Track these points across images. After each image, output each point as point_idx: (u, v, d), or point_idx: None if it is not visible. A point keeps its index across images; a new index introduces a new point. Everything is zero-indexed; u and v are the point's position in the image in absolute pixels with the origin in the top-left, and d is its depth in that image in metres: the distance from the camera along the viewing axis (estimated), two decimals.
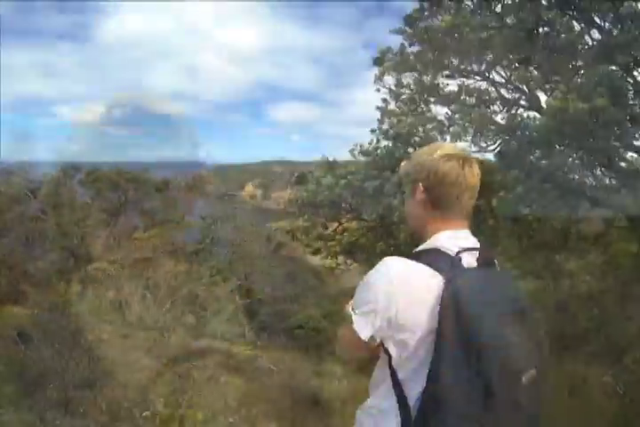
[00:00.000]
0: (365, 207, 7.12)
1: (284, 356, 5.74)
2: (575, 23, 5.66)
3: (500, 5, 5.69)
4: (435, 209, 1.27)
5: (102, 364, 3.92)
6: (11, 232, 11.26)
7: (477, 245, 1.28)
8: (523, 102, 6.41)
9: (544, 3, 5.35)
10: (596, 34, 5.66)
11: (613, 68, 4.84)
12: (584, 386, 4.76)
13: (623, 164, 6.10)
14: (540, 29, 5.50)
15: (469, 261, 1.22)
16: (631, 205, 6.06)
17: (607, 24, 5.45)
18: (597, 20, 5.51)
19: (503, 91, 6.70)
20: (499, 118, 6.54)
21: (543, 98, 6.13)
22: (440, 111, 6.98)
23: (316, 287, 18.47)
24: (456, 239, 1.24)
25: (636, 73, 4.85)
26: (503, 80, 6.56)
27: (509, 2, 5.56)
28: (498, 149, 6.32)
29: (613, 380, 4.70)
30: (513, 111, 6.50)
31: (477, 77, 6.73)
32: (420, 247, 1.26)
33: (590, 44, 5.54)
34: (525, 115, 6.21)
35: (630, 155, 6.18)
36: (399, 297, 1.13)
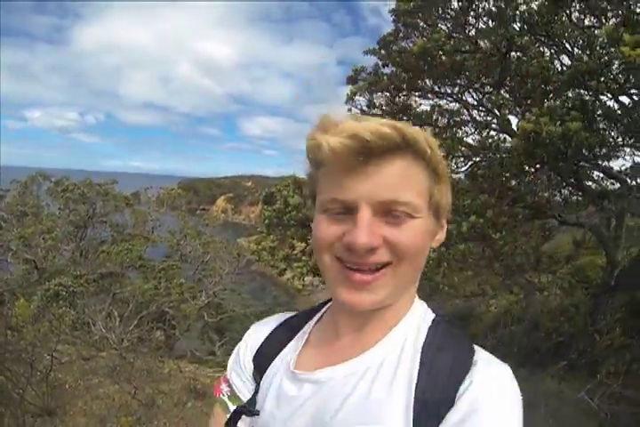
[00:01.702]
0: None
1: None
2: (546, 49, 5.84)
3: (474, 30, 5.80)
4: None
5: (62, 390, 3.73)
6: None
7: None
8: (494, 125, 6.51)
9: (516, 28, 5.47)
10: (565, 59, 5.84)
11: (583, 92, 4.98)
12: (560, 405, 4.74)
13: (590, 183, 6.26)
14: (513, 54, 5.62)
15: None
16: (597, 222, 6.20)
17: (577, 50, 5.62)
18: (568, 46, 5.68)
19: (475, 113, 6.81)
20: (470, 140, 6.64)
21: (514, 121, 6.26)
22: None
23: (286, 303, 18.30)
24: None
25: (605, 98, 4.97)
26: (475, 102, 6.67)
27: (483, 27, 5.67)
28: (469, 170, 6.40)
29: (588, 396, 4.71)
30: (485, 133, 6.59)
31: (450, 99, 6.83)
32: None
33: (560, 69, 5.69)
34: (497, 137, 6.31)
35: (597, 174, 6.36)
36: None
